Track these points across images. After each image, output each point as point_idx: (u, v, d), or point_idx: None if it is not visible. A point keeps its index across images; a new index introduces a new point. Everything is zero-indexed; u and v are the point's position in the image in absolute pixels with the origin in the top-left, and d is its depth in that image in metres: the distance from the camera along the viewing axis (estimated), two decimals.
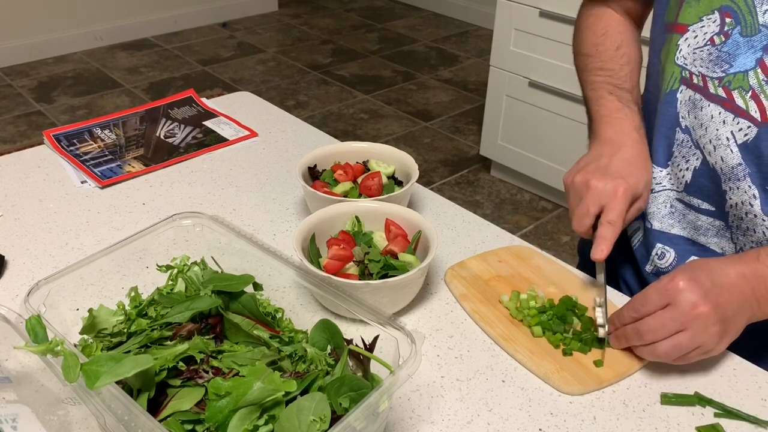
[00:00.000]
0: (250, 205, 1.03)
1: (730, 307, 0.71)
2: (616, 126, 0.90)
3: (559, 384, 0.72)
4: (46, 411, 0.66)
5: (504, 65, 2.45)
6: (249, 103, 1.36)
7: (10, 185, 1.06)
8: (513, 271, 0.88)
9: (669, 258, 0.90)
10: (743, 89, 0.78)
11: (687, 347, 0.70)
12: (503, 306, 0.82)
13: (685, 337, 0.70)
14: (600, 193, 0.83)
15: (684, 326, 0.70)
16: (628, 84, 0.93)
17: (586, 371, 0.74)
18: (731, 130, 0.79)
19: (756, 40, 0.76)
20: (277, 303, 0.71)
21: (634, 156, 0.87)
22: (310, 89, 3.53)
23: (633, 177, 0.84)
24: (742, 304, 0.72)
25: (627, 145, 0.88)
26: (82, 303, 0.68)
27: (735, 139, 0.79)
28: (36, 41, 3.68)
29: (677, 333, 0.70)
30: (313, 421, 0.54)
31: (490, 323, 0.80)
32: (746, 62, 0.77)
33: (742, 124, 0.78)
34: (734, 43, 0.78)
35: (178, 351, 0.62)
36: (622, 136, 0.89)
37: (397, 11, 4.70)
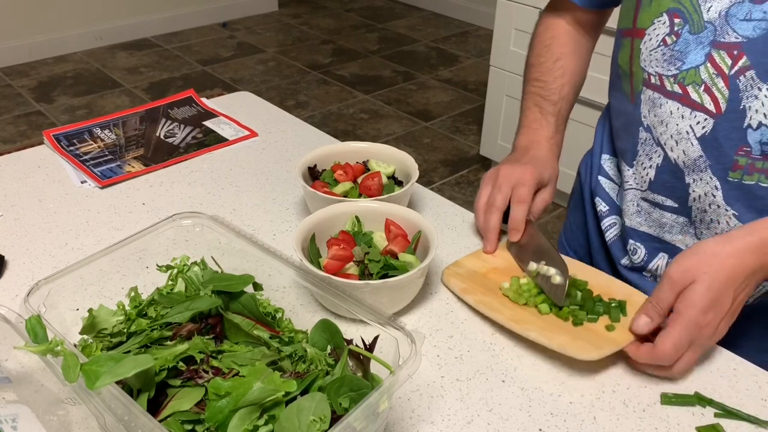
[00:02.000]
0: (250, 205, 1.03)
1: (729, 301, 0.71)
2: (530, 135, 1.00)
3: (577, 351, 0.73)
4: (46, 411, 0.66)
5: (504, 65, 2.45)
6: (249, 103, 1.36)
7: (10, 185, 1.06)
8: (507, 263, 0.89)
9: (641, 254, 0.94)
10: (696, 84, 0.81)
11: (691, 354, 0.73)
12: (503, 294, 0.83)
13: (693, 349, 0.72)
14: (509, 176, 0.92)
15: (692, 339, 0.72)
16: (555, 96, 1.01)
17: (599, 337, 0.75)
18: (690, 124, 0.83)
19: (703, 37, 0.80)
20: (277, 303, 0.71)
21: (540, 155, 0.97)
22: (310, 89, 3.53)
23: (539, 167, 0.93)
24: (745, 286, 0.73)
25: (535, 148, 0.98)
26: (82, 303, 0.68)
27: (694, 132, 0.83)
28: (36, 41, 3.68)
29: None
30: (313, 421, 0.54)
31: (497, 310, 0.80)
32: (696, 58, 0.81)
33: (699, 117, 0.82)
34: (685, 41, 0.82)
35: (178, 351, 0.62)
36: (534, 143, 0.99)
37: (397, 11, 4.70)
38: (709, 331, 0.71)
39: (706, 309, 0.70)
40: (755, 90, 0.78)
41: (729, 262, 0.71)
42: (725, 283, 0.71)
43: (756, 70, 0.77)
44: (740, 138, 0.80)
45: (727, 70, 0.79)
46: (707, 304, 0.70)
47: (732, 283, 0.71)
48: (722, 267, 0.71)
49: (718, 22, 0.79)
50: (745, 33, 0.77)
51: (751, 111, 0.78)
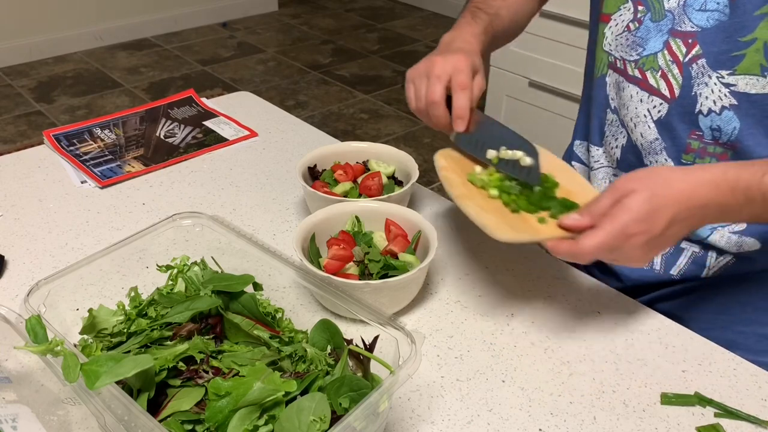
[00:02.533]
0: (250, 205, 1.03)
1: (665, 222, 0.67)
2: (455, 32, 0.94)
3: (494, 230, 0.71)
4: (46, 411, 0.66)
5: (504, 65, 2.45)
6: (249, 103, 1.36)
7: (10, 185, 1.06)
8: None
9: None
10: (654, 69, 0.86)
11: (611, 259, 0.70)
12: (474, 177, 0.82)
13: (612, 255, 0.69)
14: (443, 65, 0.84)
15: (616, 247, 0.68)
16: (491, 10, 0.97)
17: (525, 225, 0.73)
18: (647, 108, 0.87)
19: (663, 25, 0.84)
20: (277, 303, 0.71)
21: (466, 47, 0.89)
22: (310, 89, 3.53)
23: (470, 54, 0.87)
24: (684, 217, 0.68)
25: (459, 42, 0.91)
26: (82, 303, 0.68)
27: (651, 116, 0.87)
28: (36, 41, 3.68)
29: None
30: (313, 421, 0.54)
31: (454, 185, 0.79)
32: (656, 45, 0.85)
33: (655, 101, 0.86)
34: (646, 28, 0.86)
35: (178, 351, 0.62)
36: (458, 37, 0.92)
37: (397, 11, 4.70)
38: (634, 243, 0.67)
39: (638, 219, 0.66)
40: (705, 78, 0.82)
41: (677, 186, 0.68)
42: (666, 201, 0.67)
43: (707, 58, 0.81)
44: (692, 122, 0.84)
45: (682, 58, 0.83)
46: (641, 216, 0.66)
47: (673, 205, 0.67)
48: (668, 187, 0.68)
49: (676, 11, 0.83)
50: (700, 23, 0.81)
51: (701, 97, 0.83)
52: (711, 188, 0.68)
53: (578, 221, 0.70)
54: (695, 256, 0.91)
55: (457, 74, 0.84)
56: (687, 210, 0.68)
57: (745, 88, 0.80)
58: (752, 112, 0.80)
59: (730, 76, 0.80)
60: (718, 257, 0.90)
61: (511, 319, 0.82)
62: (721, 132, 0.83)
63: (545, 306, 0.84)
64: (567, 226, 0.71)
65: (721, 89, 0.81)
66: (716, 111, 0.82)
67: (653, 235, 0.67)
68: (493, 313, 0.82)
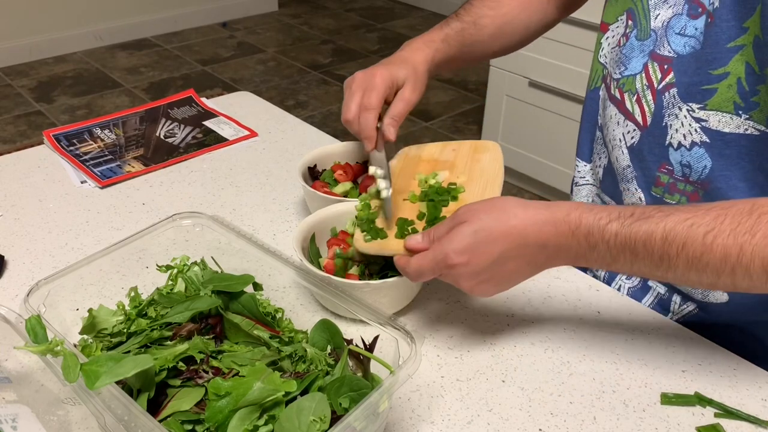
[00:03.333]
0: (250, 205, 1.03)
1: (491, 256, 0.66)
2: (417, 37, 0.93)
3: (355, 239, 0.78)
4: (46, 411, 0.66)
5: (504, 65, 2.45)
6: (249, 103, 1.36)
7: (10, 185, 1.06)
8: (451, 158, 0.88)
9: None
10: (631, 92, 0.80)
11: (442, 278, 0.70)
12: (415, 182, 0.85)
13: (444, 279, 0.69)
14: (362, 80, 0.86)
15: (439, 273, 0.69)
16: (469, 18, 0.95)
17: (385, 240, 0.77)
18: (623, 132, 0.81)
19: (646, 45, 0.78)
20: (277, 303, 0.71)
21: (405, 55, 0.90)
22: (310, 89, 3.53)
23: (393, 67, 0.87)
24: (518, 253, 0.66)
25: (406, 50, 0.91)
26: (82, 303, 0.68)
27: (625, 141, 0.81)
28: (36, 41, 3.68)
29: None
30: (313, 421, 0.54)
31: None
32: (636, 66, 0.79)
33: (629, 126, 0.81)
34: (631, 46, 0.80)
35: (178, 351, 0.62)
36: (411, 44, 0.92)
37: (397, 11, 4.70)
38: (458, 273, 0.66)
39: (461, 251, 0.65)
40: (676, 109, 0.76)
41: (510, 222, 0.65)
42: (492, 237, 0.65)
43: (678, 88, 0.76)
44: (662, 155, 0.78)
45: (656, 84, 0.77)
46: (463, 247, 0.65)
47: (502, 241, 0.65)
48: (499, 222, 0.66)
49: (659, 32, 0.77)
50: (677, 48, 0.75)
51: (672, 129, 0.77)
52: (549, 228, 0.65)
53: (416, 243, 0.70)
54: (660, 297, 0.88)
55: (366, 93, 0.84)
56: (519, 247, 0.66)
57: (718, 125, 0.73)
58: (726, 152, 0.74)
59: (701, 110, 0.74)
60: (682, 304, 0.86)
61: (511, 319, 0.82)
62: (691, 169, 0.77)
63: (545, 306, 0.84)
64: (407, 246, 0.71)
65: (692, 123, 0.75)
66: (686, 146, 0.76)
67: (480, 268, 0.66)
68: (493, 313, 0.82)
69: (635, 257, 0.63)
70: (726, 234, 0.59)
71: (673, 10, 0.76)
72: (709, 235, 0.60)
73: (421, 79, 0.88)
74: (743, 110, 0.71)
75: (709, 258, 0.60)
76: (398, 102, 0.86)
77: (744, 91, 0.71)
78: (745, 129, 0.72)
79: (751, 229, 0.59)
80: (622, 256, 0.63)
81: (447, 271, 0.67)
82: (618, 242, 0.63)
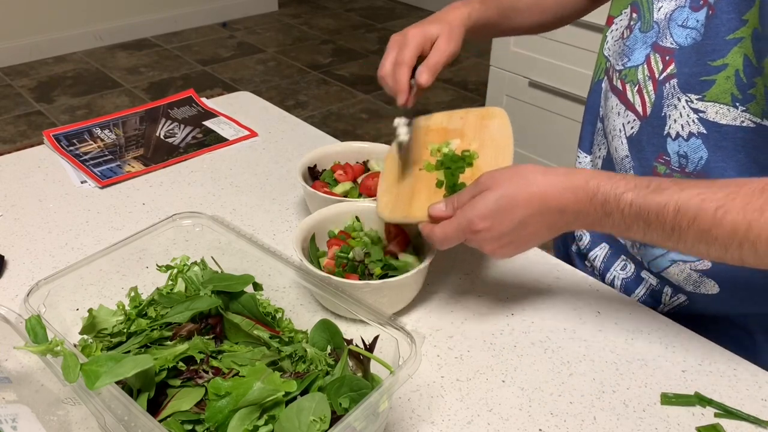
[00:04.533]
0: (250, 205, 1.03)
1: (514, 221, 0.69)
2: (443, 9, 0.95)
3: (379, 209, 0.81)
4: (46, 411, 0.66)
5: (504, 65, 2.45)
6: (249, 103, 1.36)
7: (10, 185, 1.06)
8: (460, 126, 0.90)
9: (585, 240, 0.96)
10: (633, 83, 0.81)
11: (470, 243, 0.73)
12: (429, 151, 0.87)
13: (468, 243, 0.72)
14: (395, 40, 0.89)
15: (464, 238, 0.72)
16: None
17: (408, 208, 0.79)
18: (623, 122, 0.83)
19: (648, 36, 0.80)
20: (277, 303, 0.71)
21: (440, 14, 0.92)
22: (310, 89, 3.53)
23: (426, 24, 0.90)
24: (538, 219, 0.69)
25: (449, 6, 0.93)
26: (82, 303, 0.68)
27: (624, 131, 0.83)
28: (36, 41, 3.68)
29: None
30: (313, 421, 0.54)
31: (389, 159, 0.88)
32: (639, 57, 0.81)
33: (630, 117, 0.82)
34: (634, 38, 0.82)
35: (178, 351, 0.61)
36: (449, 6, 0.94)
37: (397, 11, 4.70)
38: (482, 237, 0.70)
39: (484, 216, 0.68)
40: (675, 99, 0.77)
41: (531, 189, 0.68)
42: (515, 202, 0.68)
43: (678, 79, 0.77)
44: (660, 145, 0.79)
45: (658, 75, 0.79)
46: (487, 212, 0.68)
47: (524, 207, 0.68)
48: (521, 189, 0.68)
49: (662, 23, 0.79)
50: (679, 40, 0.77)
51: (670, 120, 0.78)
52: (569, 194, 0.68)
53: (440, 211, 0.73)
54: (652, 288, 0.89)
55: (401, 49, 0.87)
56: (540, 213, 0.68)
57: (715, 117, 0.74)
58: (723, 144, 0.75)
59: (699, 101, 0.75)
60: (673, 295, 0.87)
61: (511, 319, 0.82)
62: (687, 160, 0.78)
63: (545, 306, 0.84)
64: (431, 213, 0.74)
65: (690, 114, 0.76)
66: (684, 136, 0.77)
67: (502, 233, 0.69)
68: (493, 313, 0.82)
69: (648, 226, 0.65)
70: (736, 210, 0.61)
71: (675, 3, 0.78)
72: (720, 210, 0.62)
73: (456, 32, 0.89)
74: (740, 102, 0.72)
75: (718, 232, 0.62)
76: (434, 52, 0.87)
77: (742, 83, 0.72)
78: (741, 121, 0.73)
79: (760, 208, 0.61)
80: (635, 224, 0.66)
81: (471, 236, 0.70)
82: (632, 212, 0.65)
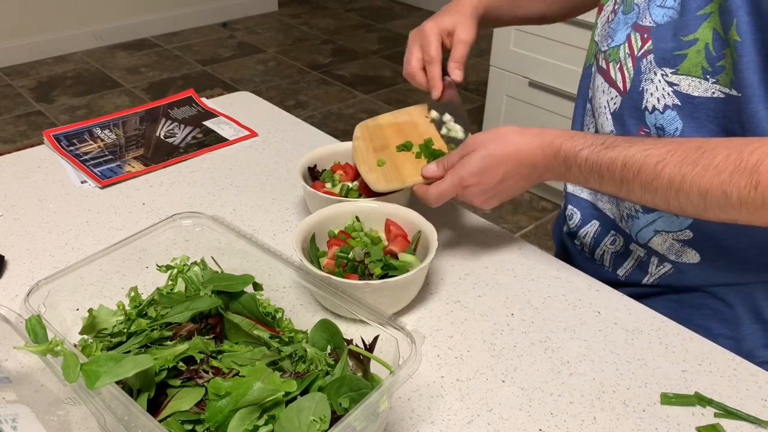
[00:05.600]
0: (250, 205, 1.03)
1: (497, 176, 0.81)
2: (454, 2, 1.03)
3: (372, 182, 0.89)
4: (46, 411, 0.66)
5: (504, 65, 2.45)
6: (249, 103, 1.36)
7: (10, 185, 1.06)
8: (409, 118, 1.00)
9: (576, 219, 0.99)
10: (615, 61, 0.87)
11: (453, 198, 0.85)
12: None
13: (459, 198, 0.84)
14: (414, 37, 0.99)
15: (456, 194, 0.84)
16: None
17: (397, 175, 0.90)
18: (607, 99, 0.88)
19: (629, 18, 0.85)
20: (277, 303, 0.71)
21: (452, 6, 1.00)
22: (310, 89, 3.53)
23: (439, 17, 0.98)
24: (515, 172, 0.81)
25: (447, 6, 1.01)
26: (82, 303, 0.68)
27: (609, 108, 0.88)
28: (36, 41, 3.68)
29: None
30: (313, 421, 0.54)
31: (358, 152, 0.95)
32: (621, 37, 0.86)
33: (612, 93, 0.87)
34: (617, 20, 0.87)
35: (178, 351, 0.61)
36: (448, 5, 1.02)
37: (397, 11, 4.70)
38: (471, 192, 0.82)
39: (472, 173, 0.81)
40: (651, 74, 0.81)
41: (509, 147, 0.80)
42: (498, 160, 0.80)
43: (654, 54, 0.81)
44: (640, 118, 0.84)
45: (636, 52, 0.83)
46: (475, 170, 0.80)
47: (505, 163, 0.80)
48: (501, 148, 0.80)
49: (642, 5, 0.84)
50: (656, 18, 0.81)
51: (647, 94, 0.82)
52: (539, 152, 0.79)
53: (433, 172, 0.86)
54: (640, 260, 0.91)
55: (424, 47, 0.96)
56: (517, 167, 0.80)
57: (688, 89, 0.78)
58: (696, 115, 0.79)
59: (673, 75, 0.79)
60: (659, 265, 0.90)
61: (511, 319, 0.82)
62: (664, 131, 0.82)
63: (545, 306, 0.84)
64: (425, 174, 0.87)
65: (665, 87, 0.80)
66: (659, 109, 0.81)
67: (488, 186, 0.81)
68: (493, 313, 0.83)
69: (602, 179, 0.75)
70: (673, 164, 0.69)
71: None
72: (660, 164, 0.70)
73: (470, 22, 0.98)
74: (710, 74, 0.76)
75: (658, 183, 0.70)
76: (457, 45, 0.97)
77: (711, 57, 0.76)
78: (712, 93, 0.77)
79: (694, 162, 0.68)
80: (591, 177, 0.76)
81: (462, 191, 0.83)
82: (587, 166, 0.76)
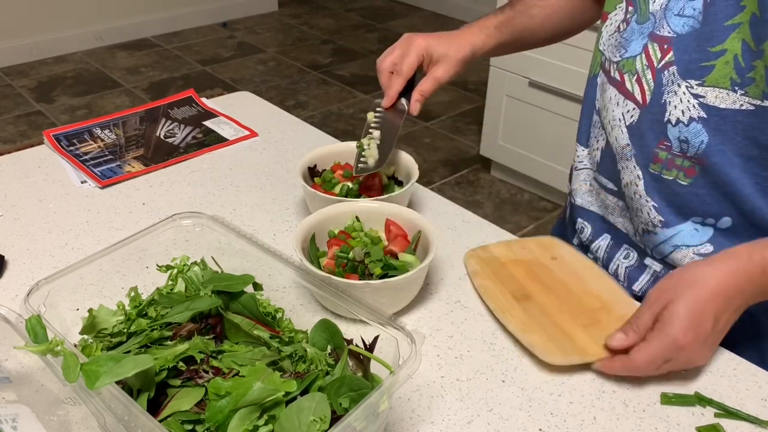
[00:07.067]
0: (250, 205, 1.03)
1: (711, 321, 0.70)
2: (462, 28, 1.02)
3: (543, 352, 0.74)
4: (46, 411, 0.66)
5: (504, 65, 2.45)
6: (249, 103, 1.36)
7: (10, 185, 1.06)
8: (532, 256, 0.89)
9: (587, 232, 0.97)
10: (631, 73, 0.84)
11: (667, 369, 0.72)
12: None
13: (669, 366, 0.71)
14: (404, 41, 0.98)
15: (669, 359, 0.70)
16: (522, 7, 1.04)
17: (572, 344, 0.75)
18: (622, 112, 0.86)
19: (645, 27, 0.83)
20: (277, 303, 0.71)
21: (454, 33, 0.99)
22: (310, 89, 3.53)
23: (435, 41, 0.97)
24: (726, 308, 0.71)
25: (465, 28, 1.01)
26: (82, 303, 0.68)
27: (624, 121, 0.86)
28: (36, 41, 3.68)
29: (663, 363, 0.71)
30: (313, 421, 0.54)
31: (492, 296, 0.83)
32: (636, 48, 0.84)
33: (629, 106, 0.85)
34: (631, 30, 0.85)
35: (178, 351, 0.61)
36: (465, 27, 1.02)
37: (397, 11, 4.70)
38: (688, 354, 0.70)
39: (686, 328, 0.68)
40: (675, 86, 0.80)
41: (710, 283, 0.70)
42: (706, 302, 0.69)
43: (677, 66, 0.79)
44: (661, 131, 0.82)
45: (656, 63, 0.81)
46: (687, 324, 0.68)
47: (713, 302, 0.70)
48: (702, 287, 0.70)
49: (658, 14, 0.81)
50: (676, 28, 0.79)
51: (670, 106, 0.80)
52: (742, 276, 0.71)
53: (624, 341, 0.72)
54: (656, 275, 0.89)
55: (404, 56, 0.96)
56: (726, 302, 0.70)
57: (715, 101, 0.76)
58: (723, 127, 0.77)
59: (699, 86, 0.77)
60: None
61: None
62: (689, 144, 0.80)
63: None
64: (614, 347, 0.73)
65: (690, 99, 0.78)
66: (684, 122, 0.79)
67: (706, 335, 0.70)
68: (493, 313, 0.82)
69: None
70: None
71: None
72: None
73: (457, 65, 0.97)
74: (739, 86, 0.75)
75: None
76: (429, 79, 0.96)
77: (740, 68, 0.74)
78: (740, 105, 0.75)
79: None
80: None
81: (677, 353, 0.69)
82: None
